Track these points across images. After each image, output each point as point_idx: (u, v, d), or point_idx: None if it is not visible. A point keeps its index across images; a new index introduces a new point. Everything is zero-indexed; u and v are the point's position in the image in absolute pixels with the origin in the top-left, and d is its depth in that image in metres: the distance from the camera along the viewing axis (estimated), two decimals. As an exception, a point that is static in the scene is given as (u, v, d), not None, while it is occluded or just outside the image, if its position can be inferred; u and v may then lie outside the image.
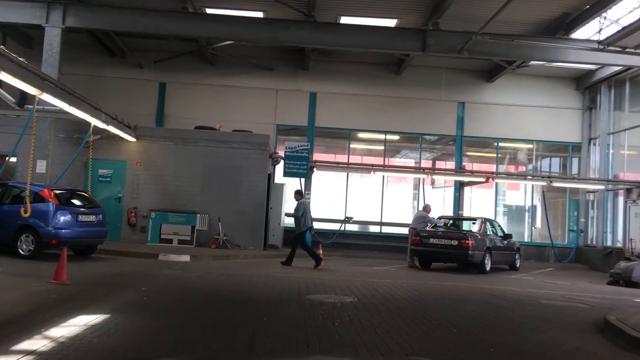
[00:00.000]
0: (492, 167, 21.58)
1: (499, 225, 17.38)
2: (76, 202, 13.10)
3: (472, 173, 18.19)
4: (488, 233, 16.06)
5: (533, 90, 21.44)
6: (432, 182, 23.50)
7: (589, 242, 20.75)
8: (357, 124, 21.41)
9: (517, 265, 17.54)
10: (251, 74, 21.24)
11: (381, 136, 21.83)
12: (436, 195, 22.63)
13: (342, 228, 20.57)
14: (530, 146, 22.01)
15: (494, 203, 25.14)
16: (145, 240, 16.68)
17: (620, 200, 19.57)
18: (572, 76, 21.33)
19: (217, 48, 19.70)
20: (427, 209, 16.85)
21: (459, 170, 19.67)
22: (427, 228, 16.27)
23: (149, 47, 20.63)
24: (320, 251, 15.51)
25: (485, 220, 16.41)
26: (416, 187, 24.68)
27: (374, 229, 21.57)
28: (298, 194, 14.88)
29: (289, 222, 21.02)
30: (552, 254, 20.91)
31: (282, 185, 19.33)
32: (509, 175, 18.77)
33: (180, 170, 17.40)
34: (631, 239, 16.24)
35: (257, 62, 20.90)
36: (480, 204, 22.19)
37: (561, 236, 22.89)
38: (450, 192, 22.64)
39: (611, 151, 19.86)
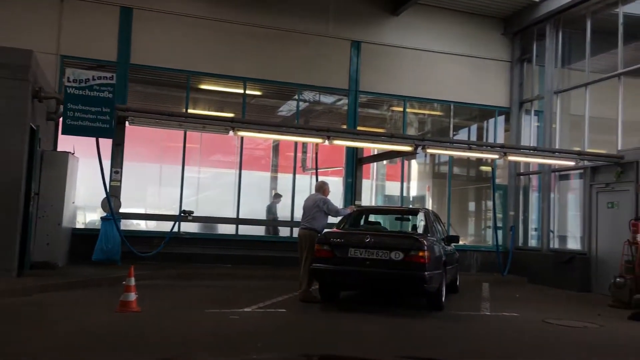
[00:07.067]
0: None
1: (442, 222, 10.65)
2: None
3: (394, 137, 11.10)
4: (435, 236, 9.18)
5: (450, 30, 15.21)
6: (305, 163, 16.66)
7: (520, 244, 15.04)
8: (200, 65, 13.40)
9: (457, 283, 11.04)
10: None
11: (238, 88, 14.06)
12: (305, 183, 15.57)
13: (177, 229, 12.53)
14: (442, 112, 15.80)
15: (372, 194, 19.11)
16: None
17: (569, 185, 14.16)
18: (500, 14, 15.42)
19: None
20: (325, 190, 9.45)
21: (370, 133, 12.62)
22: (335, 229, 9.06)
23: None
24: (132, 271, 7.47)
25: (428, 214, 9.56)
26: (274, 169, 17.67)
27: (225, 229, 13.82)
28: None
29: (86, 221, 12.63)
30: (474, 262, 14.90)
31: (65, 154, 10.75)
32: (444, 144, 11.87)
33: None
34: (631, 242, 10.47)
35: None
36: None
37: (478, 236, 17.17)
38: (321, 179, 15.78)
39: (558, 117, 14.24)
